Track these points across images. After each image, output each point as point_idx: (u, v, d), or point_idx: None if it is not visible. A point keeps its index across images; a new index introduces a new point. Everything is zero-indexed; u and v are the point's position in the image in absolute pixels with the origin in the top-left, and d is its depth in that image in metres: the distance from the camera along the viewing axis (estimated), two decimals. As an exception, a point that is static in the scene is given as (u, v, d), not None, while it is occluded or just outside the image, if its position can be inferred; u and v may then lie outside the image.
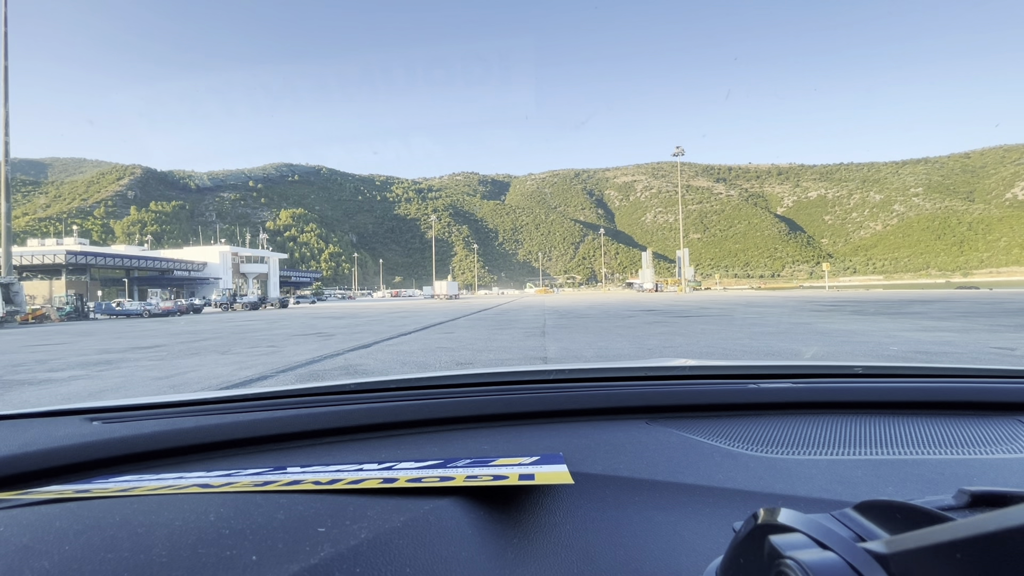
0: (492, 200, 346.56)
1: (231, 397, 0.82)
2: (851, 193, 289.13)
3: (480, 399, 0.81)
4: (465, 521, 0.45)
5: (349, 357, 7.07)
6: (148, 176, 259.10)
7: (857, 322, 10.57)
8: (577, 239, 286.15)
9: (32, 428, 0.68)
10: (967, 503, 0.31)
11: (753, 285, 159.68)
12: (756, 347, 6.93)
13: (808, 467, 0.61)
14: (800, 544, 0.26)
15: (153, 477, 0.56)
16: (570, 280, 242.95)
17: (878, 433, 0.72)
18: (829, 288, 66.12)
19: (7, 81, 23.01)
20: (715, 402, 0.83)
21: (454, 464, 0.57)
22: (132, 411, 0.77)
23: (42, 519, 0.42)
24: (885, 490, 0.56)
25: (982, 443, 0.69)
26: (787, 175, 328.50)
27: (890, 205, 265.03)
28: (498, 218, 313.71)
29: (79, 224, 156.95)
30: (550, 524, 0.47)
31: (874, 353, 6.10)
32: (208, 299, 47.55)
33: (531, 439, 0.72)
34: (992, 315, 11.75)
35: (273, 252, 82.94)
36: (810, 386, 0.86)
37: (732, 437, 0.71)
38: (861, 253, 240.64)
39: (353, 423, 0.74)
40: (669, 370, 0.94)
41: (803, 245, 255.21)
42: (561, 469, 0.54)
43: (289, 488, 0.48)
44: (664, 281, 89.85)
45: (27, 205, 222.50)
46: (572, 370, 0.91)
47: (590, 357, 6.48)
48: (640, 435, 0.72)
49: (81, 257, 48.07)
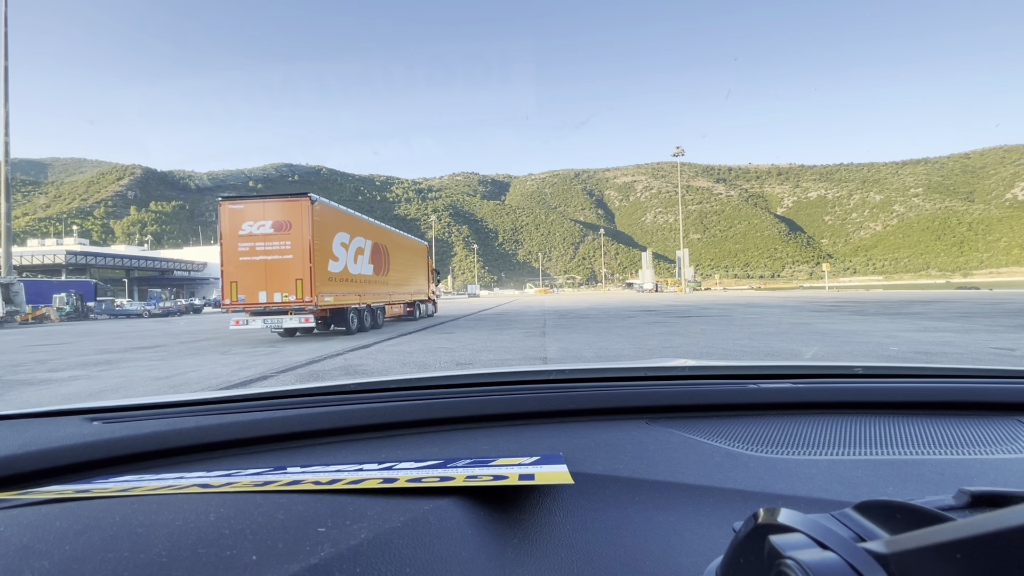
0: (492, 200, 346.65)
1: (231, 397, 0.81)
2: (851, 193, 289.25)
3: (480, 399, 0.81)
4: (465, 521, 0.45)
5: (349, 357, 7.07)
6: (148, 176, 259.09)
7: (857, 322, 10.57)
8: (577, 239, 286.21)
9: (32, 428, 0.69)
10: (967, 503, 0.31)
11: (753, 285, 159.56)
12: (756, 347, 6.93)
13: (808, 467, 0.61)
14: (800, 544, 0.26)
15: (153, 477, 0.56)
16: (570, 280, 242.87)
17: (878, 433, 0.72)
18: (829, 288, 66.10)
19: (7, 81, 23.00)
20: (715, 402, 0.82)
21: (454, 464, 0.57)
22: (132, 411, 0.77)
23: (42, 519, 0.42)
24: (885, 490, 0.56)
25: (982, 443, 0.69)
26: (787, 175, 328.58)
27: (890, 205, 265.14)
28: (498, 218, 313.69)
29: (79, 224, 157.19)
30: (550, 524, 0.47)
31: (874, 353, 6.10)
32: (208, 299, 47.55)
33: (531, 439, 0.72)
34: (992, 315, 11.75)
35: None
36: (810, 386, 0.85)
37: (732, 437, 0.71)
38: (861, 253, 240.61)
39: (353, 423, 0.74)
40: (669, 370, 0.94)
41: (803, 245, 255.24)
42: (561, 469, 0.54)
43: (289, 488, 0.48)
44: (664, 281, 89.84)
45: (27, 205, 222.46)
46: (572, 370, 0.91)
47: (590, 357, 6.48)
48: (640, 435, 0.71)
49: (81, 257, 48.11)
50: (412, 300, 16.85)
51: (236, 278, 10.01)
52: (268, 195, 10.52)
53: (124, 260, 54.88)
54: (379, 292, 13.64)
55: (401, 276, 15.58)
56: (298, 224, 9.96)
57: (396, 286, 15.12)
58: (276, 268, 9.97)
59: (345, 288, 11.37)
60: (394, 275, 14.90)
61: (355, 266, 12.02)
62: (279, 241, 10.00)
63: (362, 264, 12.46)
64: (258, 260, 9.97)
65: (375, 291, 13.30)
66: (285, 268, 9.94)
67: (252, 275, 9.98)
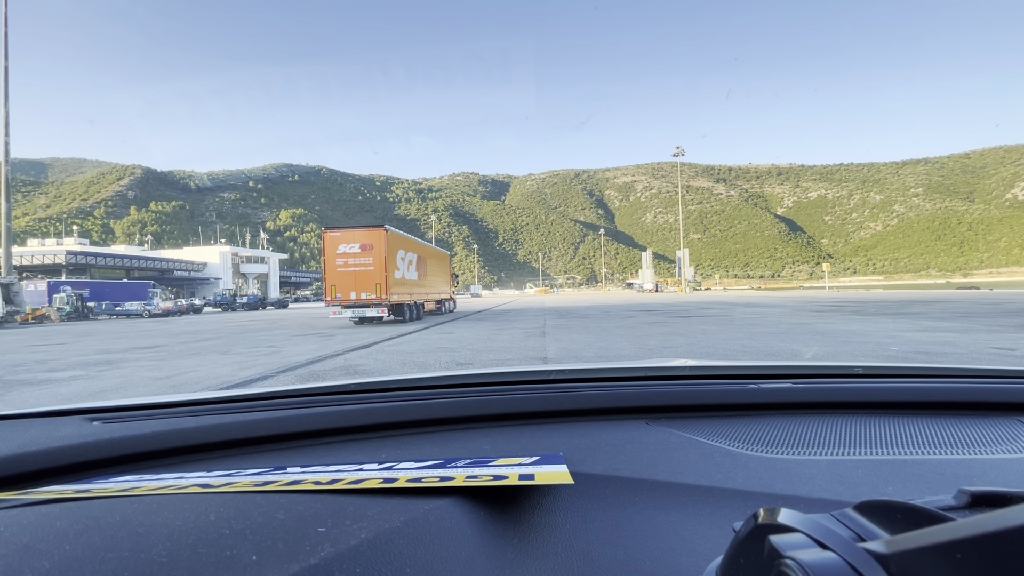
0: (492, 200, 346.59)
1: (231, 397, 0.81)
2: (851, 193, 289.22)
3: (480, 399, 0.81)
4: (465, 521, 0.45)
5: (349, 357, 7.06)
6: (148, 176, 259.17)
7: (857, 322, 10.56)
8: (577, 239, 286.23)
9: (32, 428, 0.68)
10: (967, 503, 0.31)
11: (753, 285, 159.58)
12: (756, 347, 6.92)
13: (808, 467, 0.61)
14: (800, 544, 0.26)
15: (153, 477, 0.56)
16: (570, 280, 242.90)
17: (878, 433, 0.72)
18: (829, 288, 66.07)
19: (7, 81, 23.01)
20: (715, 402, 0.82)
21: (454, 464, 0.57)
22: (132, 411, 0.77)
23: (42, 519, 0.42)
24: (885, 490, 0.56)
25: (982, 443, 0.69)
26: (787, 175, 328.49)
27: (890, 205, 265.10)
28: (498, 218, 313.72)
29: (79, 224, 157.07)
30: (550, 524, 0.47)
31: (874, 353, 6.09)
32: (208, 299, 47.56)
33: (531, 439, 0.71)
34: (992, 315, 11.74)
35: (273, 252, 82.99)
36: (810, 386, 0.85)
37: (732, 437, 0.71)
38: (861, 253, 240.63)
39: (353, 423, 0.74)
40: (669, 370, 0.94)
41: (803, 245, 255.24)
42: (561, 469, 0.54)
43: (289, 488, 0.48)
44: (664, 281, 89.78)
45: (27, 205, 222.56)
46: (572, 370, 0.91)
47: (590, 357, 6.48)
48: (640, 435, 0.71)
49: (81, 257, 48.13)
50: (440, 298, 20.93)
51: (335, 282, 14.16)
52: (356, 226, 14.67)
53: (124, 260, 54.91)
54: (421, 292, 17.49)
55: (433, 280, 19.63)
56: (377, 246, 14.14)
57: (431, 287, 19.09)
58: (362, 276, 14.09)
59: (403, 289, 15.41)
60: (429, 279, 18.79)
61: (408, 274, 16.07)
62: (364, 257, 14.13)
63: (412, 272, 16.46)
64: (349, 270, 14.13)
65: (419, 291, 17.21)
66: (368, 276, 14.06)
67: (345, 281, 14.10)
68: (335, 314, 14.23)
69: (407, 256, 16.03)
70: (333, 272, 14.22)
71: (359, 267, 14.11)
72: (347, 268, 14.14)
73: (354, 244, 14.24)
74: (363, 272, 14.09)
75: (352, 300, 14.09)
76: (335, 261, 14.23)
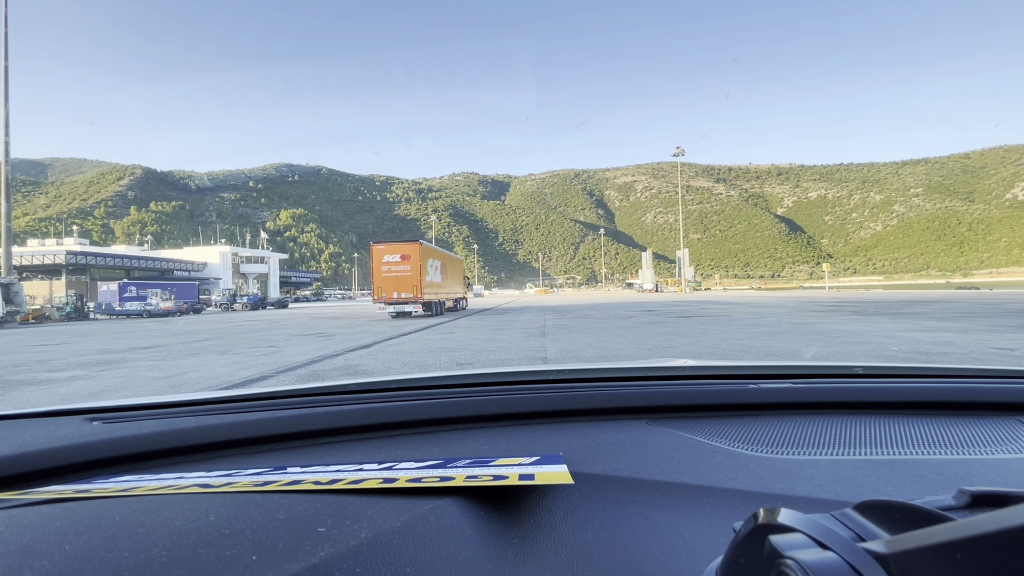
0: (492, 200, 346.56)
1: (231, 397, 0.81)
2: (851, 193, 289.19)
3: (480, 399, 0.81)
4: (465, 521, 0.45)
5: (349, 357, 7.06)
6: (148, 176, 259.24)
7: (857, 322, 10.56)
8: (577, 239, 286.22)
9: (32, 428, 0.68)
10: (967, 503, 0.31)
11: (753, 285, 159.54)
12: (756, 347, 6.92)
13: (808, 467, 0.61)
14: (800, 544, 0.26)
15: (153, 477, 0.56)
16: (570, 280, 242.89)
17: (878, 433, 0.72)
18: (829, 288, 66.10)
19: (7, 81, 22.99)
20: (715, 402, 0.82)
21: (454, 464, 0.57)
22: (132, 411, 0.77)
23: (42, 519, 0.42)
24: (885, 490, 0.56)
25: (982, 443, 0.68)
26: (787, 175, 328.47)
27: (890, 205, 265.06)
28: (498, 218, 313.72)
29: (79, 224, 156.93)
30: (550, 524, 0.47)
31: (874, 353, 6.09)
32: (208, 299, 47.55)
33: (531, 439, 0.71)
34: (992, 315, 11.74)
35: (273, 252, 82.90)
36: (810, 386, 0.85)
37: (732, 437, 0.71)
38: (861, 253, 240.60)
39: (353, 423, 0.74)
40: (669, 370, 0.94)
41: (803, 245, 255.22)
42: (561, 469, 0.54)
43: (289, 488, 0.48)
44: (664, 281, 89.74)
45: (27, 205, 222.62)
46: (572, 370, 0.91)
47: (590, 357, 6.48)
48: (640, 435, 0.71)
49: (81, 257, 48.06)
50: (456, 297, 24.19)
51: (380, 285, 17.63)
52: (397, 240, 18.15)
53: (124, 260, 54.82)
54: (443, 292, 20.82)
55: (451, 281, 23.02)
56: (413, 256, 17.59)
57: (450, 289, 22.54)
58: (402, 280, 17.53)
59: (432, 290, 18.80)
60: (448, 281, 22.16)
61: (435, 277, 19.57)
62: (403, 265, 17.58)
63: (437, 276, 19.99)
64: (392, 275, 17.57)
65: (442, 291, 20.56)
66: (407, 280, 17.50)
67: (389, 283, 17.58)
68: (380, 309, 17.97)
69: (435, 263, 19.60)
70: (380, 276, 17.65)
71: (400, 273, 17.45)
72: (390, 274, 17.49)
73: (395, 255, 17.70)
74: (403, 277, 17.46)
75: (394, 299, 17.53)
76: (381, 268, 17.64)
